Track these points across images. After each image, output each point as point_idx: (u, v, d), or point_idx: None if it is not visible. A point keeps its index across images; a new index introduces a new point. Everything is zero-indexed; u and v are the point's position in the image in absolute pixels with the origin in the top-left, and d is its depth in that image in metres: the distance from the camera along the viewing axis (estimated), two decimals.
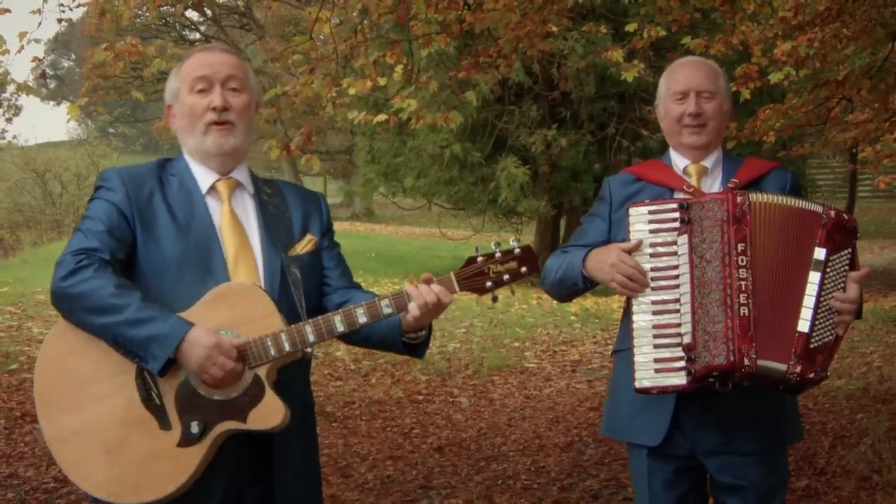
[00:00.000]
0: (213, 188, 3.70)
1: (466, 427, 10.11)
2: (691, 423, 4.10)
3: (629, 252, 3.99)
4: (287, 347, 3.42)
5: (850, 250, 3.91)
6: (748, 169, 4.24)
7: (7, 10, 8.34)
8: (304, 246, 3.76)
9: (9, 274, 20.57)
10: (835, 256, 3.87)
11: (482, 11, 8.72)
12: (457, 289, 3.59)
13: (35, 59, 10.49)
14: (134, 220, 3.55)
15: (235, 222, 3.66)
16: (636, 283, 3.95)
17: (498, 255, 3.59)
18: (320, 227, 3.88)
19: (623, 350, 4.18)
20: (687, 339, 3.86)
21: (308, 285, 3.70)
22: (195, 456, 3.37)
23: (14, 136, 71.31)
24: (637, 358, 3.95)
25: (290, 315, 3.52)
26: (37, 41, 8.38)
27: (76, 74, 73.08)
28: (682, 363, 3.87)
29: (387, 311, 3.53)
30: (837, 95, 10.79)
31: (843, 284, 3.89)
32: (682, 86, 4.23)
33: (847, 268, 3.90)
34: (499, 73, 10.19)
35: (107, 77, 33.10)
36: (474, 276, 3.60)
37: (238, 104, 3.67)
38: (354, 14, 9.82)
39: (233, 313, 3.44)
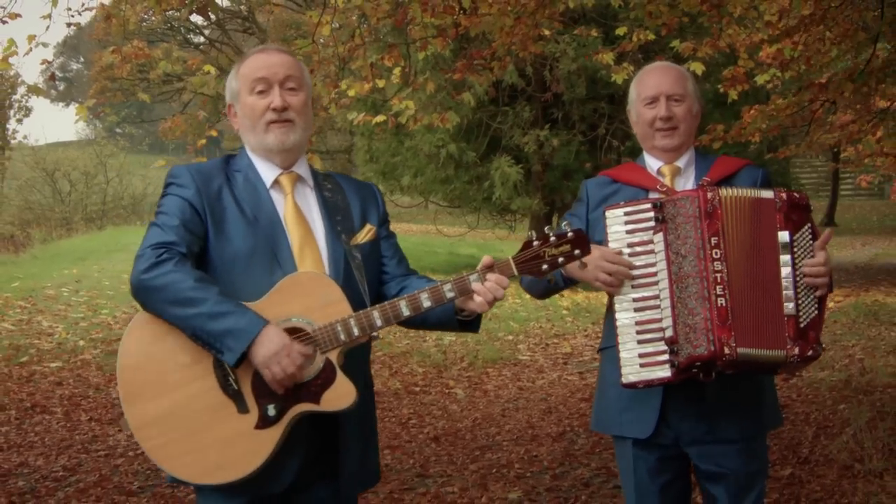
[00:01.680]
0: (276, 182, 3.75)
1: (462, 417, 10.10)
2: (676, 415, 4.11)
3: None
4: (356, 332, 3.48)
5: (809, 225, 3.95)
6: (720, 167, 4.26)
7: (18, 15, 8.33)
8: (365, 235, 3.81)
9: (19, 270, 20.55)
10: (797, 235, 3.90)
11: (477, 16, 8.73)
12: (515, 273, 3.64)
13: (45, 61, 10.49)
14: (206, 215, 3.61)
15: (299, 214, 3.71)
16: (618, 279, 3.97)
17: (552, 238, 3.63)
18: (377, 216, 3.93)
19: (608, 348, 4.22)
20: (669, 333, 3.88)
21: (369, 273, 3.76)
22: (272, 437, 3.44)
23: (25, 137, 71.45)
24: (622, 354, 3.97)
25: (355, 301, 3.57)
26: (44, 45, 8.38)
27: (84, 77, 73.19)
28: (665, 356, 3.89)
29: (450, 295, 3.58)
30: (821, 98, 10.79)
31: (811, 258, 3.92)
32: (651, 91, 4.25)
33: (811, 242, 3.93)
34: (493, 76, 10.21)
35: (114, 79, 33.01)
36: (531, 260, 3.63)
37: (296, 103, 3.72)
38: (354, 18, 9.83)
39: (304, 301, 3.50)
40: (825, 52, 10.93)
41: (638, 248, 3.98)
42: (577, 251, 3.63)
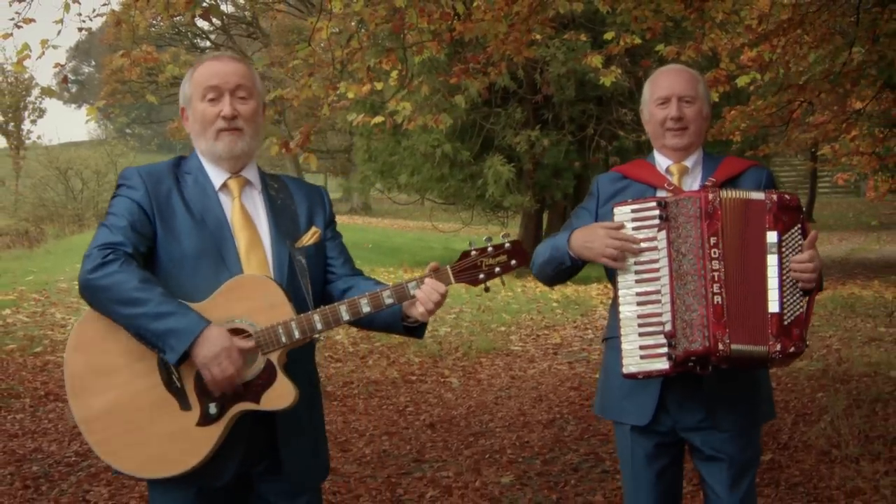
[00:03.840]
0: (224, 185, 3.70)
1: (456, 405, 10.09)
2: (675, 403, 4.12)
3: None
4: (297, 335, 3.45)
5: (799, 226, 3.92)
6: (726, 168, 4.24)
7: (31, 20, 8.32)
8: (310, 238, 3.76)
9: (34, 264, 20.56)
10: (786, 236, 3.88)
11: (471, 21, 8.72)
12: (452, 281, 3.60)
13: (58, 65, 10.46)
14: (154, 215, 3.56)
15: (246, 217, 3.66)
16: (622, 254, 3.97)
17: (490, 249, 3.60)
18: (324, 219, 3.88)
19: (612, 338, 4.20)
20: (668, 327, 3.88)
21: (313, 274, 3.72)
22: (213, 434, 3.42)
23: (38, 137, 71.52)
24: (624, 346, 3.96)
25: (298, 302, 3.54)
26: (55, 47, 8.36)
27: (96, 79, 73.15)
28: (664, 349, 3.89)
29: (388, 301, 3.55)
30: (799, 99, 10.81)
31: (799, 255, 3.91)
32: (664, 91, 4.22)
33: (800, 242, 3.90)
34: (488, 80, 10.20)
35: (124, 82, 33.01)
36: (468, 269, 3.60)
37: (246, 111, 3.67)
38: (353, 24, 9.82)
39: (247, 304, 3.46)
40: (803, 56, 10.94)
41: (643, 245, 3.97)
42: (513, 261, 3.61)
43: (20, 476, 7.50)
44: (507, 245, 3.61)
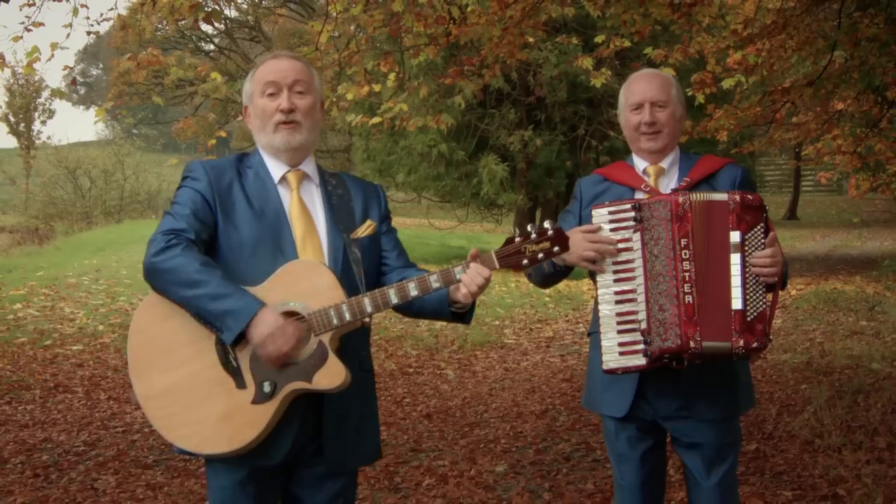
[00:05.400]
0: (283, 178, 3.76)
1: (452, 396, 10.09)
2: (653, 393, 4.16)
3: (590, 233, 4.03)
4: (347, 317, 3.48)
5: (762, 224, 3.94)
6: (701, 167, 4.26)
7: (41, 24, 8.31)
8: (365, 230, 3.81)
9: (43, 260, 20.55)
10: (749, 235, 3.90)
11: (466, 25, 8.71)
12: (497, 265, 3.61)
13: (66, 67, 10.48)
14: (216, 205, 3.63)
15: (303, 208, 3.72)
16: (601, 255, 4.00)
17: (533, 235, 3.60)
18: (379, 214, 3.93)
19: (595, 332, 4.22)
20: (643, 325, 3.93)
21: (367, 264, 3.76)
22: (267, 412, 3.45)
23: (48, 137, 71.38)
24: (604, 343, 4.01)
25: (351, 290, 3.57)
26: (63, 48, 8.34)
27: (103, 81, 73.17)
28: (641, 346, 3.95)
29: (435, 285, 3.58)
30: (783, 100, 10.80)
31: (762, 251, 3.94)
32: (637, 97, 4.26)
33: (763, 240, 3.93)
34: (482, 82, 10.20)
35: (131, 84, 33.01)
36: (513, 255, 3.61)
37: (303, 105, 3.74)
38: (352, 28, 9.82)
39: (301, 287, 3.51)
40: (786, 59, 10.94)
41: (620, 245, 4.00)
42: (556, 248, 3.60)
43: (30, 465, 7.50)
44: (550, 232, 3.61)
